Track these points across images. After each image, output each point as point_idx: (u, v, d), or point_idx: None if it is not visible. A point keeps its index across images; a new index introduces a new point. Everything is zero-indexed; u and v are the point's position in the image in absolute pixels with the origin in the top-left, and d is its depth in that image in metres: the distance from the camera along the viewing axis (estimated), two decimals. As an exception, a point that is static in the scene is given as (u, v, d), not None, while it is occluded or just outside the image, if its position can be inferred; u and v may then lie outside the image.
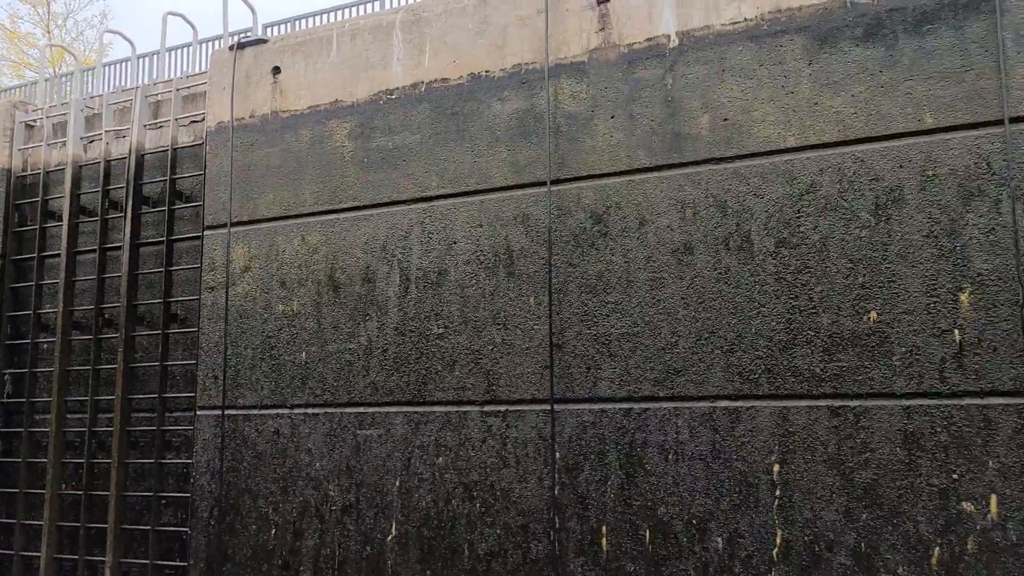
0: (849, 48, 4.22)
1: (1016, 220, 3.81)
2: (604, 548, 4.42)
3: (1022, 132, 3.86)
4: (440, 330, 4.96)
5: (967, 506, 3.77)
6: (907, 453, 3.90)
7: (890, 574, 3.86)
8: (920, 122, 4.04)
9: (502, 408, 4.76)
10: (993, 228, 3.86)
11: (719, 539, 4.19)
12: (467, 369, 4.87)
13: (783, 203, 4.27)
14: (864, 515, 3.94)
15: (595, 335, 4.59)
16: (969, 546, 3.74)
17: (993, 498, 3.73)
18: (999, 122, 3.89)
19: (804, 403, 4.12)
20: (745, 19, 4.47)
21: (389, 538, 4.92)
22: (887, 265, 4.03)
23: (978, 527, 3.74)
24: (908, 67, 4.10)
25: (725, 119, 4.45)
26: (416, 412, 4.97)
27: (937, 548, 3.79)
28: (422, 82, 5.25)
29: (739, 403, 4.25)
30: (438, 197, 5.11)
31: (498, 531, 4.66)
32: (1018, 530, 3.67)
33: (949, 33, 4.03)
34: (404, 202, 5.19)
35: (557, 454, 4.59)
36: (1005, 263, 3.82)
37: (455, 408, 4.87)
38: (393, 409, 5.03)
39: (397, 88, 5.31)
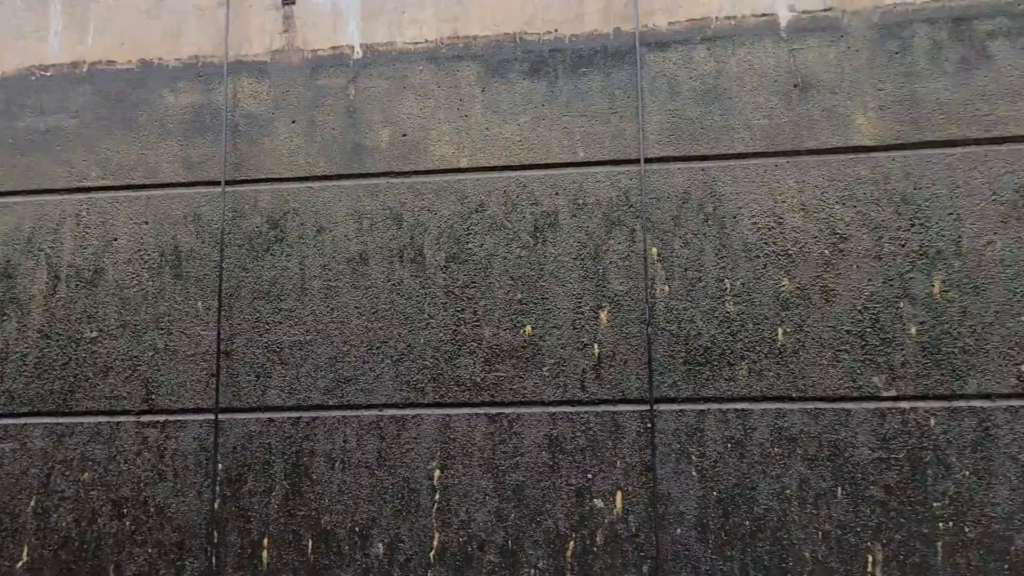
0: (517, 80, 4.55)
1: (646, 249, 4.34)
2: (265, 561, 4.31)
3: (655, 171, 4.40)
4: (93, 334, 4.55)
5: (598, 502, 4.21)
6: (551, 456, 4.26)
7: (532, 568, 4.19)
8: (574, 154, 4.46)
9: (161, 418, 4.47)
10: (628, 255, 4.36)
11: (380, 545, 4.28)
12: (123, 376, 4.51)
13: (454, 220, 4.48)
14: (512, 515, 4.23)
15: (267, 342, 4.48)
16: (598, 538, 4.18)
17: (619, 494, 4.20)
18: (636, 161, 4.41)
19: (465, 411, 4.35)
20: (426, 40, 4.63)
21: (19, 565, 4.39)
22: (542, 283, 4.38)
23: (606, 521, 4.19)
24: (566, 104, 4.50)
25: (404, 135, 4.58)
26: (60, 423, 4.50)
27: (572, 542, 4.19)
28: (84, 62, 4.78)
29: (406, 411, 4.38)
30: (98, 189, 4.68)
31: (150, 550, 4.36)
32: (636, 522, 4.17)
33: (599, 78, 4.49)
34: (57, 191, 4.69)
35: (220, 465, 4.40)
36: (636, 286, 4.33)
37: (107, 419, 4.49)
38: (32, 420, 4.51)
39: (53, 65, 4.79)
